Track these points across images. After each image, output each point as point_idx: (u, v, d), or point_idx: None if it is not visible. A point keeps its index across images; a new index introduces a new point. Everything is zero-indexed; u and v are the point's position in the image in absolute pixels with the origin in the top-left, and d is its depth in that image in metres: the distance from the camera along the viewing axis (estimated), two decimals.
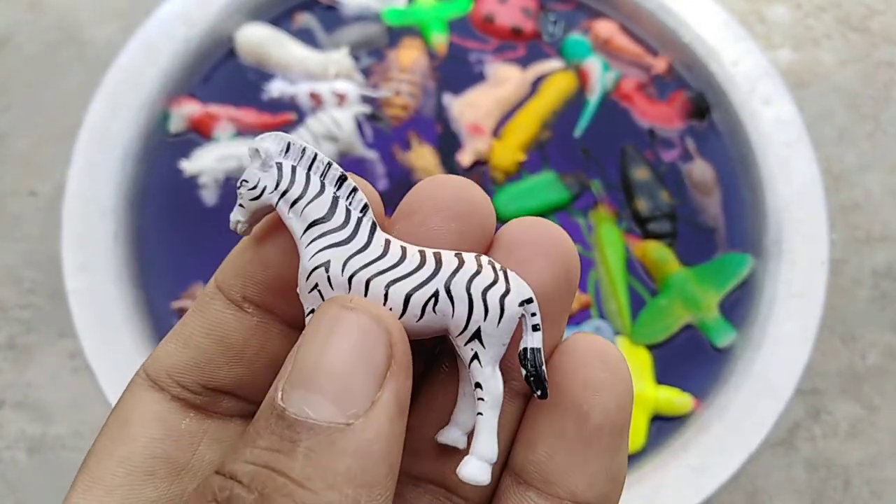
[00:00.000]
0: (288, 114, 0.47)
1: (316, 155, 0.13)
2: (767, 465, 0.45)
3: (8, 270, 0.49)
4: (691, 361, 0.42)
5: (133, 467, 0.14)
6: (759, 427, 0.39)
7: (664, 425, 0.40)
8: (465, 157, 0.46)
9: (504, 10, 0.50)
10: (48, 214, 0.50)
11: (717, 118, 0.48)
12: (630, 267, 0.44)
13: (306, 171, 0.13)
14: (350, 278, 0.12)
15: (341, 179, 0.13)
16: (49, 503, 0.45)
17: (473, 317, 0.12)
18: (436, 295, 0.12)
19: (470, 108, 0.47)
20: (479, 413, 0.13)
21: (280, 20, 0.50)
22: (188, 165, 0.44)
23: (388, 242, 0.13)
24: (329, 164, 0.13)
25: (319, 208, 0.13)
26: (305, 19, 0.51)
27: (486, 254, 0.13)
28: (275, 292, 0.14)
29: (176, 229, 0.45)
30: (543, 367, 0.13)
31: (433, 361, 0.15)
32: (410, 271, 0.12)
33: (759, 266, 0.44)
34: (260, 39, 0.48)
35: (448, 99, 0.48)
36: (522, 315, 0.13)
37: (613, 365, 0.13)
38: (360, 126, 0.46)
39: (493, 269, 0.13)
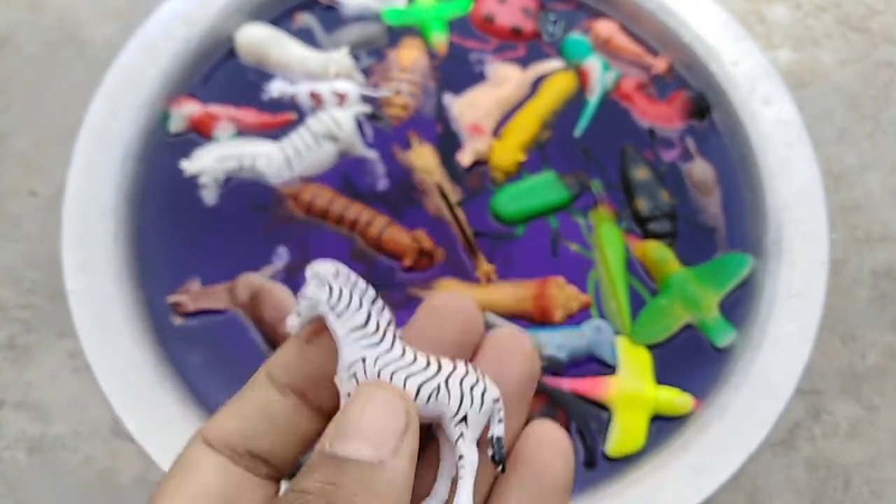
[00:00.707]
0: (288, 113, 0.47)
1: (358, 280, 0.18)
2: (767, 465, 0.45)
3: (8, 270, 0.49)
4: (691, 361, 0.42)
5: (202, 500, 0.17)
6: (759, 427, 0.39)
7: (664, 425, 0.40)
8: (465, 157, 0.46)
9: (504, 9, 0.50)
10: (48, 214, 0.50)
11: (718, 118, 0.48)
12: (630, 267, 0.44)
13: (350, 290, 0.18)
14: (379, 371, 0.17)
15: (375, 298, 0.18)
16: (49, 503, 0.45)
17: (462, 405, 0.17)
18: (438, 388, 0.17)
19: (470, 108, 0.47)
20: (461, 478, 0.17)
21: (280, 20, 0.50)
22: (188, 165, 0.44)
23: (405, 349, 0.18)
24: (367, 286, 0.18)
25: (359, 319, 0.18)
26: (305, 19, 0.51)
27: (474, 355, 0.19)
28: (312, 382, 0.18)
29: (176, 229, 0.45)
30: (504, 451, 0.18)
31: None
32: (420, 370, 0.17)
33: (760, 266, 0.44)
34: (260, 39, 0.48)
35: (448, 99, 0.48)
36: (492, 409, 0.18)
37: (563, 449, 0.18)
38: (360, 126, 0.46)
39: (476, 372, 0.18)
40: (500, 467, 0.18)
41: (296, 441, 0.18)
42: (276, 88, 0.47)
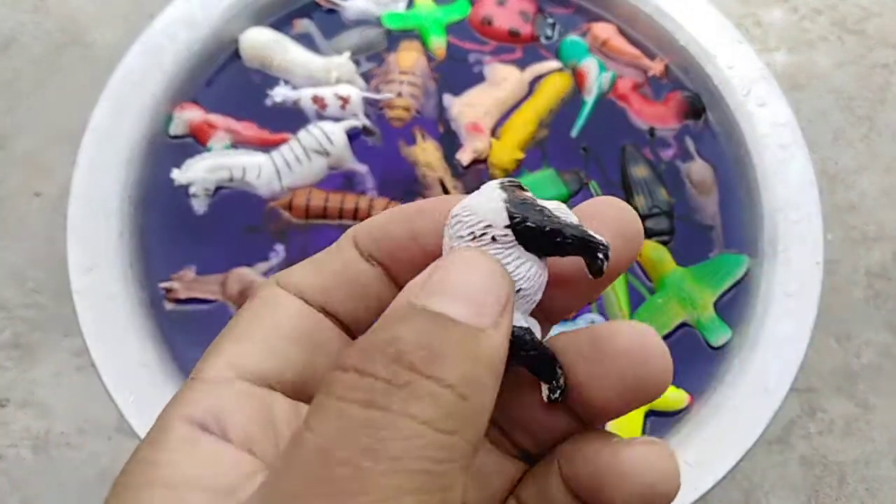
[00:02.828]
0: (286, 134, 0.47)
1: None
2: (763, 463, 0.46)
3: (13, 270, 0.50)
4: (687, 360, 0.42)
5: (281, 333, 0.16)
6: (755, 425, 0.39)
7: (660, 422, 0.41)
8: (464, 156, 0.46)
9: (502, 12, 0.51)
10: (53, 215, 0.50)
11: (714, 120, 0.49)
12: None
13: None
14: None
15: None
16: (54, 500, 0.46)
17: None
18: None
19: (469, 108, 0.48)
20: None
21: (281, 24, 0.51)
22: (178, 175, 0.45)
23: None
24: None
25: None
26: (304, 25, 0.51)
27: None
28: (398, 255, 0.17)
29: (180, 229, 0.45)
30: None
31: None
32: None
33: (756, 266, 0.44)
34: (263, 43, 0.49)
35: (448, 99, 0.49)
36: None
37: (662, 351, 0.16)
38: (351, 140, 0.47)
39: None
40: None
41: (376, 309, 0.16)
42: (279, 94, 0.48)
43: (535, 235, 0.15)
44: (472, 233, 0.15)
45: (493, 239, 0.15)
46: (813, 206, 0.45)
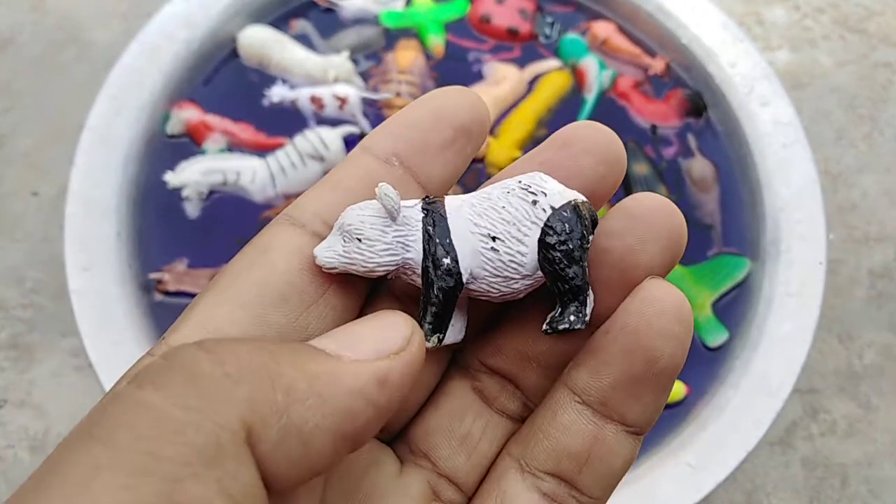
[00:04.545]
0: (282, 138, 0.47)
1: None
2: (765, 464, 0.46)
3: (10, 270, 0.49)
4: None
5: (268, 289, 0.15)
6: (757, 426, 0.39)
7: (661, 421, 0.41)
8: None
9: (501, 10, 0.51)
10: (50, 215, 0.50)
11: (715, 119, 0.49)
12: None
13: None
14: None
15: None
16: None
17: None
18: None
19: None
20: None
21: (280, 23, 0.51)
22: (172, 178, 0.45)
23: None
24: None
25: None
26: (301, 26, 0.51)
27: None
28: (422, 152, 0.16)
29: (178, 229, 0.45)
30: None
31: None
32: None
33: (757, 266, 0.44)
34: (262, 40, 0.49)
35: None
36: None
37: (686, 319, 0.16)
38: (347, 146, 0.46)
39: None
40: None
41: None
42: (276, 94, 0.48)
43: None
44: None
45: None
46: (815, 205, 0.45)
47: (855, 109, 0.55)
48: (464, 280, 0.16)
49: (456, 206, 0.16)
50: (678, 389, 0.41)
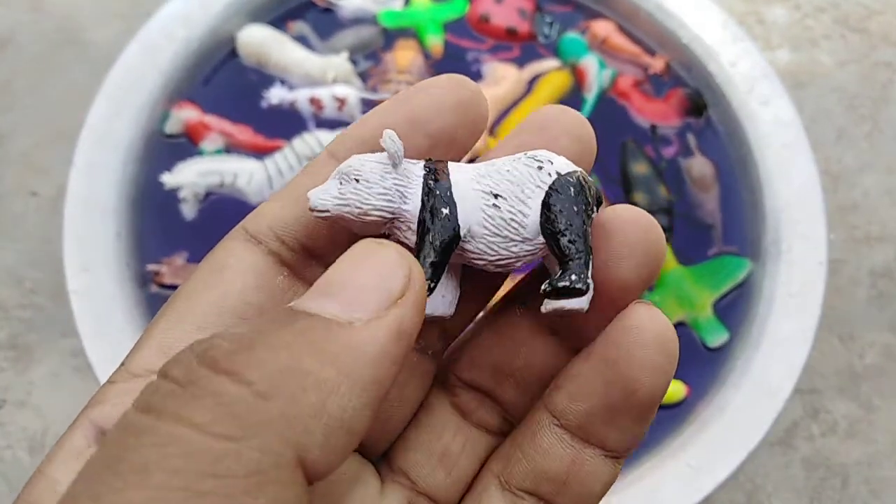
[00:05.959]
0: (279, 140, 0.47)
1: None
2: (766, 464, 0.46)
3: (9, 270, 0.49)
4: (683, 359, 0.42)
5: (225, 309, 0.15)
6: (758, 426, 0.39)
7: (659, 415, 0.40)
8: None
9: (500, 10, 0.51)
10: (50, 215, 0.50)
11: (716, 119, 0.49)
12: None
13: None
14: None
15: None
16: None
17: None
18: None
19: None
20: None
21: (279, 23, 0.51)
22: (169, 179, 0.45)
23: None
24: None
25: None
26: (299, 27, 0.51)
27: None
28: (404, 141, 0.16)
29: (177, 229, 0.45)
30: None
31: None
32: None
33: (758, 266, 0.44)
34: (260, 40, 0.49)
35: None
36: None
37: (669, 348, 0.15)
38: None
39: None
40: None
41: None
42: (275, 95, 0.47)
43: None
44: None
45: None
46: (816, 205, 0.44)
47: (856, 109, 0.55)
48: (461, 234, 0.15)
49: (460, 168, 0.16)
50: (678, 390, 0.41)
